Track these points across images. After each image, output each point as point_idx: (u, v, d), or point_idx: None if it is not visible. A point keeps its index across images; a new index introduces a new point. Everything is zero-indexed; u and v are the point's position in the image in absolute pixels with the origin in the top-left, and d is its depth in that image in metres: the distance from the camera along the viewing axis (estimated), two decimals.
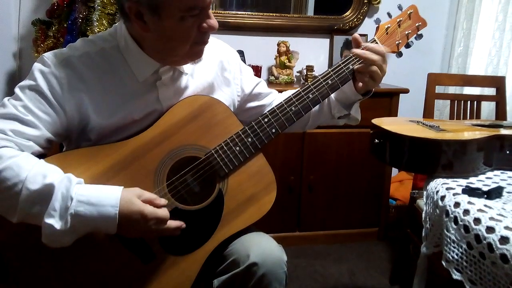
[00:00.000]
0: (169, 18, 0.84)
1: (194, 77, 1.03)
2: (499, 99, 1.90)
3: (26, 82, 0.88)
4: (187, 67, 1.00)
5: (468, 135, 1.10)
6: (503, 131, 1.14)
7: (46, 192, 0.79)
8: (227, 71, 1.09)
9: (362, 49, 1.03)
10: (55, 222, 0.78)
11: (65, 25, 1.85)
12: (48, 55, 0.90)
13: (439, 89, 1.91)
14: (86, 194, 0.80)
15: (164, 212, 0.85)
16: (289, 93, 1.15)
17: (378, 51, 1.02)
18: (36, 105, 0.86)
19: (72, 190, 0.80)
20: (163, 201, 0.87)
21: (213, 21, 0.89)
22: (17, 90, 0.88)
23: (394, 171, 2.44)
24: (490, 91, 2.00)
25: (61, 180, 0.80)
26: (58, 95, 0.88)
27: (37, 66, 0.89)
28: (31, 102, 0.86)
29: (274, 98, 1.19)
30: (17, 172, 0.79)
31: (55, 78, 0.88)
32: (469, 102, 1.91)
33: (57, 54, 0.91)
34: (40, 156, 0.88)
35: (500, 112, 1.89)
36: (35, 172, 0.80)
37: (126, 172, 0.91)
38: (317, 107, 1.09)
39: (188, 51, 0.91)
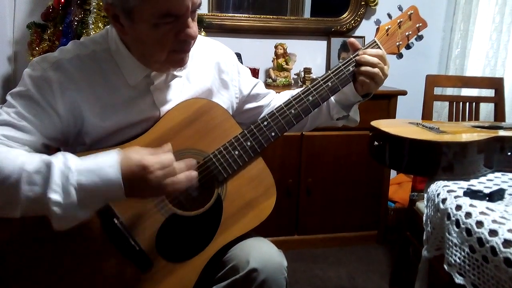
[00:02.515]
0: (142, 23, 0.82)
1: (191, 80, 1.01)
2: (498, 100, 1.90)
3: (17, 89, 0.87)
4: (180, 70, 0.98)
5: (468, 136, 1.09)
6: (504, 133, 1.13)
7: (45, 169, 0.75)
8: (224, 73, 1.07)
9: (362, 53, 1.02)
10: (59, 196, 0.74)
11: (60, 28, 1.83)
12: (37, 60, 0.89)
13: (437, 90, 1.91)
14: (85, 163, 0.77)
15: (166, 157, 0.79)
16: (287, 93, 1.14)
17: (377, 54, 1.01)
18: (29, 111, 0.85)
19: (69, 162, 0.76)
20: (166, 147, 0.82)
21: (192, 30, 0.85)
22: (8, 97, 0.87)
23: (393, 173, 2.44)
24: (488, 92, 2.00)
25: (57, 157, 0.77)
26: (50, 100, 0.86)
27: (27, 71, 0.88)
28: (23, 108, 0.85)
29: (272, 99, 1.17)
30: (13, 160, 0.75)
31: (46, 83, 0.86)
32: (467, 103, 1.90)
33: (47, 58, 0.89)
34: None
35: (499, 113, 1.88)
36: (31, 156, 0.77)
37: None
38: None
39: (168, 59, 0.88)
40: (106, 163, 0.77)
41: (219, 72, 1.06)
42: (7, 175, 0.75)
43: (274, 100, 1.17)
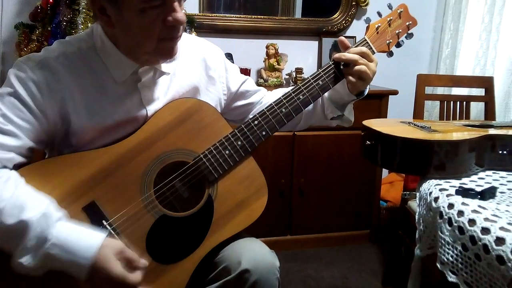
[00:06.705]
0: (129, 11, 0.81)
1: (178, 76, 1.00)
2: (488, 99, 1.91)
3: (3, 90, 0.85)
4: (168, 67, 0.97)
5: (459, 135, 1.09)
6: (494, 131, 1.14)
7: (21, 230, 0.76)
8: (211, 70, 1.05)
9: (338, 55, 1.01)
10: (25, 260, 0.77)
11: (49, 29, 1.81)
12: (23, 59, 0.87)
13: (427, 90, 1.92)
14: (63, 238, 0.78)
15: (135, 278, 0.81)
16: (279, 91, 1.12)
17: (356, 51, 1.00)
18: (15, 113, 0.83)
19: (48, 231, 0.78)
20: (142, 263, 0.83)
21: (179, 14, 0.84)
22: None
23: (384, 172, 2.44)
24: (478, 91, 2.01)
25: (38, 219, 0.77)
26: (38, 100, 0.84)
27: (12, 71, 0.86)
28: (9, 111, 0.83)
29: (263, 96, 1.15)
30: None
31: (33, 82, 0.84)
32: (458, 102, 1.92)
33: (32, 57, 0.88)
34: (22, 165, 0.85)
35: (489, 112, 1.90)
36: (12, 204, 0.77)
37: (111, 179, 0.88)
38: (310, 107, 1.07)
39: (157, 49, 0.86)
40: (83, 254, 0.78)
41: (206, 68, 1.05)
42: None
43: (266, 97, 1.15)
